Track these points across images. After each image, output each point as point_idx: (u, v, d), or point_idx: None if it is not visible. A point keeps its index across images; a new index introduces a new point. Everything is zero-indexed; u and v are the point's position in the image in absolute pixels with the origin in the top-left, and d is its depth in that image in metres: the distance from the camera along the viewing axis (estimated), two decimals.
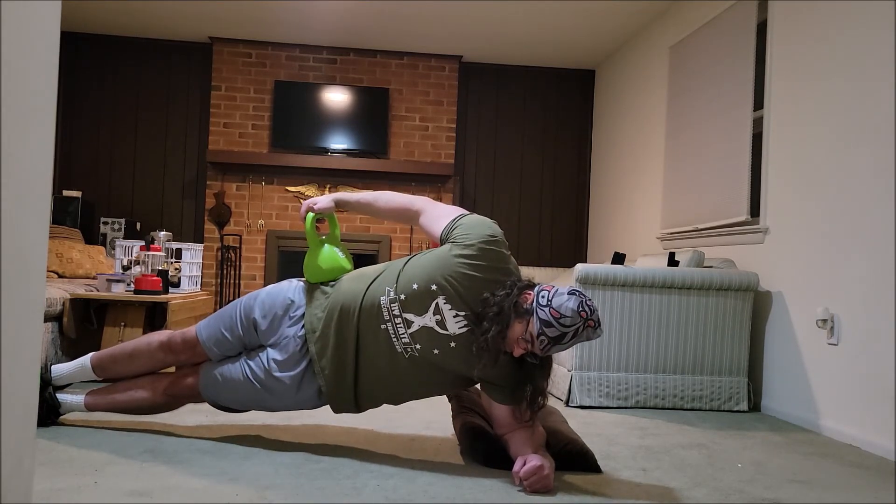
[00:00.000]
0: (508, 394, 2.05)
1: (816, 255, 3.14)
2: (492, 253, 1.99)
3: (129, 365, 2.37)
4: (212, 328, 2.27)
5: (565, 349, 1.92)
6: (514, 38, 5.60)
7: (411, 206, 2.21)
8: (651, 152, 5.02)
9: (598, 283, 3.33)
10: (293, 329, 2.16)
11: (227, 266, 5.84)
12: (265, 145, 5.92)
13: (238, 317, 2.24)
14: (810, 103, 3.24)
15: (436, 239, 2.11)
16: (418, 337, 2.02)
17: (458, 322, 1.99)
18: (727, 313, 3.40)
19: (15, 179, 0.83)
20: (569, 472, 2.12)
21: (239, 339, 2.24)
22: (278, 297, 2.22)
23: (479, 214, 2.10)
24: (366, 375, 2.11)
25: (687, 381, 3.38)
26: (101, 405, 2.35)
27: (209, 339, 2.26)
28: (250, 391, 2.20)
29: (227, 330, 2.25)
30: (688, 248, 4.30)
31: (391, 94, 6.03)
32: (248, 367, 2.20)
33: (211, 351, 2.26)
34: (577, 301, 1.87)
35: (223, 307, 2.36)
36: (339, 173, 5.93)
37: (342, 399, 2.15)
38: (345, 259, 2.29)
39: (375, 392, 2.15)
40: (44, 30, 0.89)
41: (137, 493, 1.76)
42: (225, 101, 5.90)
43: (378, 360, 2.08)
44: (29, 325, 0.89)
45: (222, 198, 5.83)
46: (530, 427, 2.07)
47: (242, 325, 2.23)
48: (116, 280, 3.72)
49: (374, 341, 2.07)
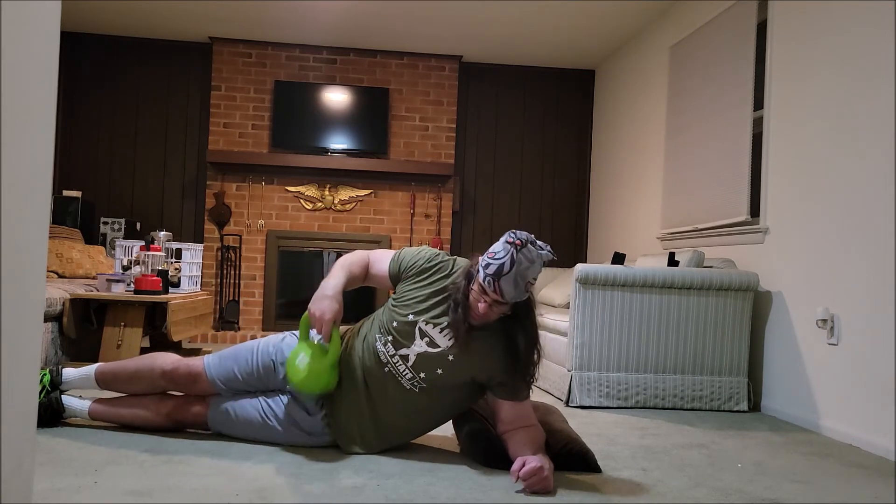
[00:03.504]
0: (510, 387, 2.09)
1: (816, 255, 3.14)
2: (428, 262, 2.20)
3: (130, 385, 2.35)
4: (224, 368, 2.25)
5: (521, 285, 1.95)
6: (514, 38, 5.60)
7: (364, 261, 2.27)
8: (651, 152, 5.02)
9: (598, 283, 3.33)
10: None
11: (227, 266, 5.84)
12: (265, 145, 5.92)
13: (256, 361, 2.24)
14: (810, 103, 3.24)
15: (385, 278, 2.25)
16: (418, 366, 2.11)
17: (445, 334, 2.09)
18: (727, 313, 3.40)
19: (15, 179, 0.83)
20: (569, 471, 2.12)
21: (253, 382, 2.25)
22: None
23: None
24: (388, 416, 2.19)
25: (687, 381, 3.38)
26: (104, 416, 2.35)
27: (219, 377, 2.25)
28: (267, 429, 2.23)
29: (242, 371, 2.24)
30: (688, 248, 4.30)
31: (391, 94, 6.03)
32: (266, 406, 2.23)
33: (216, 386, 2.26)
34: (505, 236, 2.00)
35: (236, 346, 2.32)
36: (339, 173, 5.93)
37: (365, 439, 2.22)
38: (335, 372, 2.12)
39: (401, 425, 2.23)
40: (44, 30, 0.89)
41: (137, 493, 1.76)
42: (225, 101, 5.90)
43: (395, 403, 2.16)
44: (29, 325, 0.89)
45: (222, 198, 5.83)
46: (530, 427, 2.09)
47: (259, 370, 2.24)
48: (116, 280, 3.72)
49: (383, 387, 2.16)
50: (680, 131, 4.50)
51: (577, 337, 3.34)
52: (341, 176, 5.95)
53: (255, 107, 5.92)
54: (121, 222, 5.63)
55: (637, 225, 5.21)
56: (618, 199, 5.63)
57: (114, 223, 5.62)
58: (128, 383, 2.35)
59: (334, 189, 5.94)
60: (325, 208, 5.94)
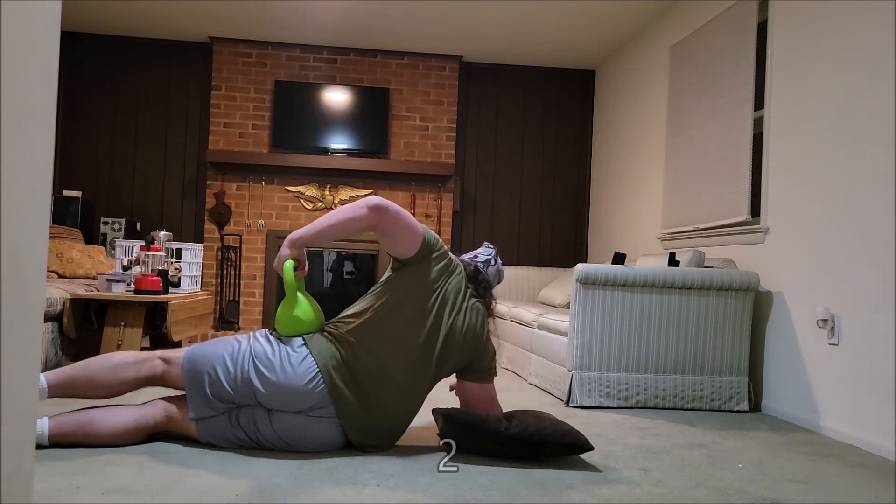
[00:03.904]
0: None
1: (817, 255, 3.14)
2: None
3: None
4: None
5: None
6: (514, 38, 5.60)
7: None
8: (651, 152, 5.02)
9: (598, 283, 3.33)
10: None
11: (227, 266, 5.84)
12: (265, 145, 5.92)
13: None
14: (810, 103, 3.24)
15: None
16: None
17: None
18: (728, 313, 3.40)
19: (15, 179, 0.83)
20: (565, 456, 2.13)
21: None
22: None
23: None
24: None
25: (687, 381, 3.38)
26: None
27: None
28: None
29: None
30: (688, 248, 4.30)
31: (391, 93, 6.03)
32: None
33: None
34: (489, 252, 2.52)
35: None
36: (340, 173, 5.93)
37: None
38: (319, 312, 2.26)
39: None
40: (44, 30, 0.89)
41: (137, 493, 1.76)
42: (225, 101, 5.90)
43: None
44: (29, 325, 0.89)
45: (222, 198, 5.83)
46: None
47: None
48: (116, 280, 3.72)
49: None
50: (680, 131, 4.50)
51: (578, 337, 3.34)
52: (341, 176, 5.96)
53: (255, 107, 5.92)
54: (121, 222, 5.63)
55: (637, 225, 5.21)
56: (618, 199, 5.63)
57: (114, 223, 5.63)
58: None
59: (334, 189, 5.94)
60: (325, 208, 5.94)
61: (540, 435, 2.17)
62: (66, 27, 5.80)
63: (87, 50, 5.92)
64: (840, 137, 3.03)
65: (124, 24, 5.65)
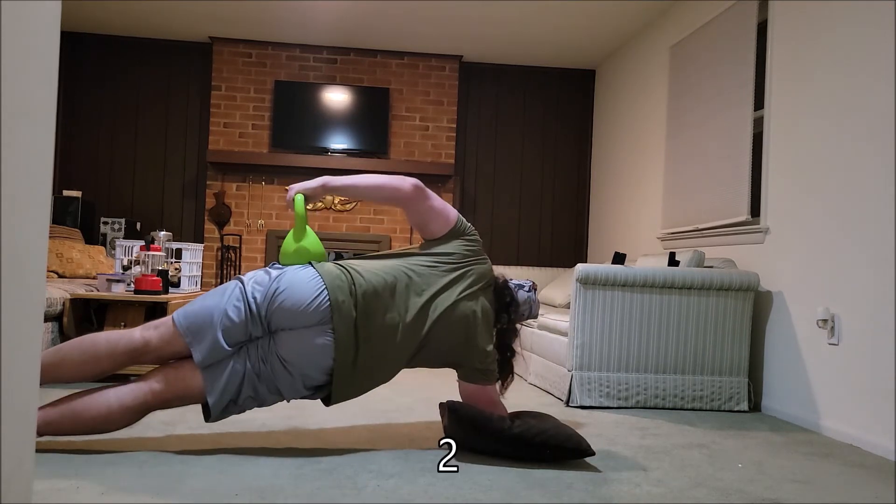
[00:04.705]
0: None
1: (816, 255, 3.14)
2: None
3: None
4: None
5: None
6: (514, 38, 5.60)
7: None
8: (651, 152, 5.02)
9: (598, 283, 3.33)
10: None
11: (227, 266, 5.84)
12: (265, 145, 5.92)
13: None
14: (810, 103, 3.24)
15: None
16: None
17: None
18: (727, 313, 3.40)
19: (15, 179, 0.83)
20: (565, 460, 2.13)
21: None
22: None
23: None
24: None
25: (687, 381, 3.38)
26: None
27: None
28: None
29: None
30: (688, 248, 4.30)
31: (391, 93, 6.03)
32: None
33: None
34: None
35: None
36: (340, 173, 5.93)
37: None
38: (323, 248, 2.33)
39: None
40: (44, 30, 0.89)
41: (137, 493, 1.76)
42: (225, 101, 5.90)
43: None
44: (29, 325, 0.89)
45: (222, 198, 5.83)
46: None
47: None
48: (116, 280, 3.72)
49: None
50: (680, 131, 4.50)
51: (578, 337, 3.34)
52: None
53: (255, 107, 5.92)
54: (121, 222, 5.63)
55: (637, 225, 5.21)
56: (618, 199, 5.63)
57: (114, 223, 5.63)
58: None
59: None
60: (325, 208, 5.94)
61: (543, 437, 2.17)
62: (66, 27, 5.80)
63: (87, 50, 5.92)
64: (840, 137, 3.03)
65: (124, 24, 5.65)
